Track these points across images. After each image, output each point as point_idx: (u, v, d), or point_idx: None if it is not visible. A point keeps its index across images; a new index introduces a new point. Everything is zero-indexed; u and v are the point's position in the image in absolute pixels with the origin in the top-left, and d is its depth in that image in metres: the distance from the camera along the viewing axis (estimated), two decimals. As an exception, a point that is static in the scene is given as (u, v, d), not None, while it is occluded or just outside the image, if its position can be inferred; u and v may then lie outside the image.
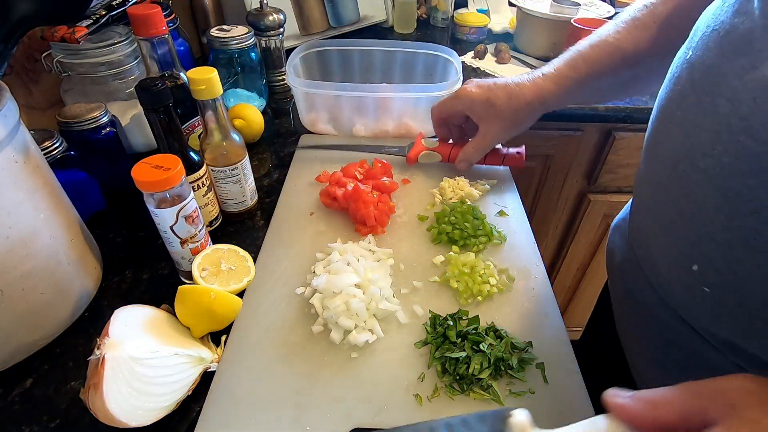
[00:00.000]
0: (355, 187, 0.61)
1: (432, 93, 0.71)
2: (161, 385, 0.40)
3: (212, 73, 0.51)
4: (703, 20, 0.37)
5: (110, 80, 0.68)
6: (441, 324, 0.48)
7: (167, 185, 0.44)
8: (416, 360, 0.46)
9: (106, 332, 0.40)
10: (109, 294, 0.53)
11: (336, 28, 1.11)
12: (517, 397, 0.43)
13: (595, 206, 1.14)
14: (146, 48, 0.58)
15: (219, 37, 0.77)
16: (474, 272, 0.52)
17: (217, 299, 0.45)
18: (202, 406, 0.42)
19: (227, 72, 0.79)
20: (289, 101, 0.92)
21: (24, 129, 0.44)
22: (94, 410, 0.37)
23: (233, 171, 0.57)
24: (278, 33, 0.85)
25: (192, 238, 0.50)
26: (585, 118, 0.98)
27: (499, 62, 1.10)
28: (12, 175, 0.40)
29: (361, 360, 0.46)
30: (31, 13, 0.43)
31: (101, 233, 0.58)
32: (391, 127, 0.78)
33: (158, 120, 0.49)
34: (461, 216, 0.59)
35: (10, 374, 0.45)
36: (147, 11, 0.55)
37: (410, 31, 1.23)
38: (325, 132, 0.79)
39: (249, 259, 0.52)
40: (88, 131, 0.58)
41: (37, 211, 0.43)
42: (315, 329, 0.48)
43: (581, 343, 0.74)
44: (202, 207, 0.55)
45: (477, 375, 0.43)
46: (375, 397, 0.43)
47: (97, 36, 0.64)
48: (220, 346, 0.47)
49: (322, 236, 0.60)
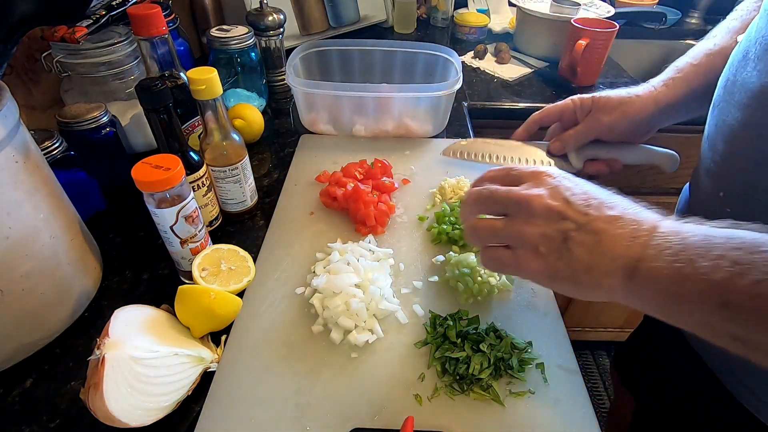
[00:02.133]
0: (355, 187, 0.61)
1: (432, 93, 0.71)
2: (161, 385, 0.40)
3: (212, 73, 0.51)
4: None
5: (110, 80, 0.68)
6: (441, 324, 0.48)
7: (167, 185, 0.44)
8: (416, 360, 0.46)
9: (106, 332, 0.40)
10: (109, 294, 0.53)
11: (336, 28, 1.11)
12: (517, 397, 0.43)
13: (595, 206, 1.14)
14: (146, 48, 0.58)
15: (219, 37, 0.77)
16: (474, 272, 0.52)
17: (217, 299, 0.45)
18: (202, 406, 0.42)
19: (227, 72, 0.79)
20: (289, 101, 0.92)
21: (24, 129, 0.44)
22: (94, 410, 0.37)
23: (233, 171, 0.57)
24: (278, 33, 0.85)
25: (192, 238, 0.50)
26: (585, 118, 0.98)
27: (499, 62, 1.10)
28: (12, 175, 0.40)
29: (361, 360, 0.46)
30: (31, 13, 0.43)
31: (101, 233, 0.58)
32: (391, 127, 0.78)
33: (158, 120, 0.49)
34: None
35: (10, 374, 0.45)
36: (147, 11, 0.55)
37: (410, 31, 1.23)
38: (325, 132, 0.79)
39: (249, 259, 0.52)
40: (88, 131, 0.58)
41: (37, 211, 0.43)
42: (315, 329, 0.48)
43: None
44: (202, 207, 0.55)
45: (477, 375, 0.43)
46: (375, 397, 0.43)
47: (97, 36, 0.64)
48: (220, 346, 0.47)
49: (322, 236, 0.60)
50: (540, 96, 0.98)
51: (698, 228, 0.31)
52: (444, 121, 0.79)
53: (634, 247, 0.32)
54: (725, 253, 0.28)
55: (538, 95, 0.99)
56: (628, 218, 0.33)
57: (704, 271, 0.28)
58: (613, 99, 0.60)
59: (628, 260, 0.32)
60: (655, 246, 0.31)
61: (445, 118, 0.79)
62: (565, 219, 0.34)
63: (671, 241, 0.31)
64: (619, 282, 0.33)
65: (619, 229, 0.33)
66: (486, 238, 0.40)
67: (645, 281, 0.31)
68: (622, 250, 0.32)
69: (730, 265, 0.28)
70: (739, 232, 0.29)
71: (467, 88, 0.99)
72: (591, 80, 1.01)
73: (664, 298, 0.31)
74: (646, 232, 0.32)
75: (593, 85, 1.02)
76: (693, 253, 0.29)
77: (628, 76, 1.08)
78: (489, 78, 1.04)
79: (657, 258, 0.31)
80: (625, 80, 1.06)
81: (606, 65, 1.05)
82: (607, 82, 1.04)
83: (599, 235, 0.33)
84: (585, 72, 0.98)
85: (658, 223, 0.33)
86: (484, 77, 1.05)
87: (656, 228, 0.32)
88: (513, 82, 1.03)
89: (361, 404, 0.42)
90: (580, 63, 0.95)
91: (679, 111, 0.58)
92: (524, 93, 0.99)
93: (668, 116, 0.59)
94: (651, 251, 0.31)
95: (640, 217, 0.33)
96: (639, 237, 0.32)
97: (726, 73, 0.47)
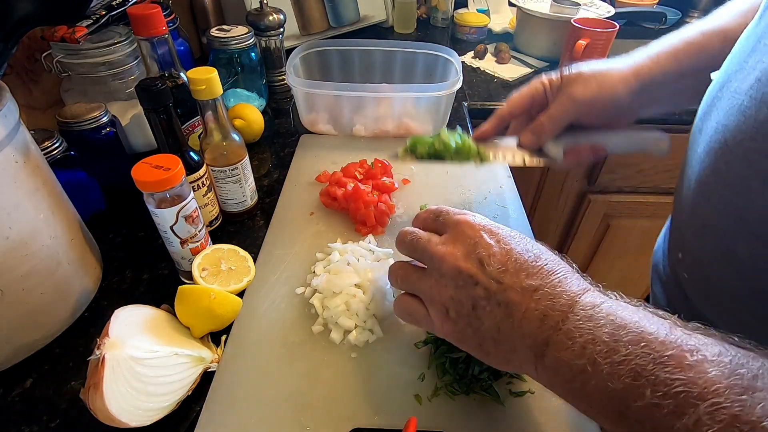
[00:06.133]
0: (355, 187, 0.61)
1: (432, 93, 0.71)
2: (161, 385, 0.40)
3: (212, 73, 0.51)
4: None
5: (110, 80, 0.68)
6: (441, 324, 0.48)
7: (167, 185, 0.44)
8: (416, 360, 0.46)
9: (106, 332, 0.40)
10: (109, 294, 0.53)
11: (336, 28, 1.11)
12: (517, 397, 0.43)
13: (596, 206, 1.14)
14: (146, 48, 0.58)
15: (219, 37, 0.77)
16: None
17: (217, 299, 0.45)
18: (202, 406, 0.42)
19: (227, 72, 0.79)
20: (289, 101, 0.92)
21: (24, 129, 0.44)
22: (94, 410, 0.37)
23: (233, 171, 0.57)
24: (278, 33, 0.85)
25: (192, 238, 0.49)
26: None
27: (499, 62, 1.10)
28: (12, 175, 0.40)
29: (361, 360, 0.46)
30: (31, 13, 0.43)
31: (101, 233, 0.58)
32: (391, 127, 0.78)
33: (158, 120, 0.49)
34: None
35: (10, 374, 0.45)
36: (147, 11, 0.55)
37: (410, 31, 1.23)
38: (325, 132, 0.79)
39: (249, 259, 0.52)
40: (88, 131, 0.58)
41: (37, 211, 0.43)
42: (315, 329, 0.48)
43: None
44: (202, 207, 0.55)
45: (477, 375, 0.43)
46: (375, 397, 0.43)
47: (97, 36, 0.64)
48: (220, 346, 0.47)
49: (322, 236, 0.59)
50: (540, 96, 0.98)
51: (614, 312, 0.27)
52: (444, 121, 0.79)
53: (544, 329, 0.29)
54: (628, 358, 0.25)
55: (538, 95, 0.98)
56: (544, 291, 0.30)
57: (605, 377, 0.25)
58: (585, 72, 0.51)
59: (537, 340, 0.29)
60: (564, 332, 0.28)
61: (445, 118, 0.79)
62: (476, 284, 0.31)
63: (582, 329, 0.27)
64: (528, 362, 0.30)
65: (532, 303, 0.29)
66: (401, 286, 0.38)
67: (551, 368, 0.29)
68: (532, 329, 0.29)
69: (630, 376, 0.24)
70: (654, 328, 0.25)
71: (467, 88, 0.99)
72: (591, 80, 1.01)
73: (568, 390, 0.29)
74: (559, 312, 0.29)
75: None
76: (598, 350, 0.26)
77: (628, 76, 1.07)
78: (489, 78, 1.04)
79: (563, 347, 0.28)
80: (625, 80, 1.05)
81: (606, 65, 1.05)
82: (607, 82, 1.04)
83: (510, 308, 0.30)
84: (585, 72, 0.98)
85: (575, 300, 0.29)
86: (484, 77, 1.05)
87: (571, 308, 0.28)
88: (513, 82, 1.03)
89: (361, 404, 0.42)
90: (580, 63, 0.95)
91: (665, 92, 0.50)
92: (524, 93, 0.99)
93: (652, 98, 0.50)
94: (560, 337, 0.28)
95: (558, 290, 0.29)
96: (551, 317, 0.29)
97: (716, 84, 0.40)
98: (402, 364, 0.45)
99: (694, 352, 0.23)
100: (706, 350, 0.23)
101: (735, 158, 0.35)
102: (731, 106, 0.36)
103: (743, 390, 0.21)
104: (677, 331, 0.25)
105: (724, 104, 0.37)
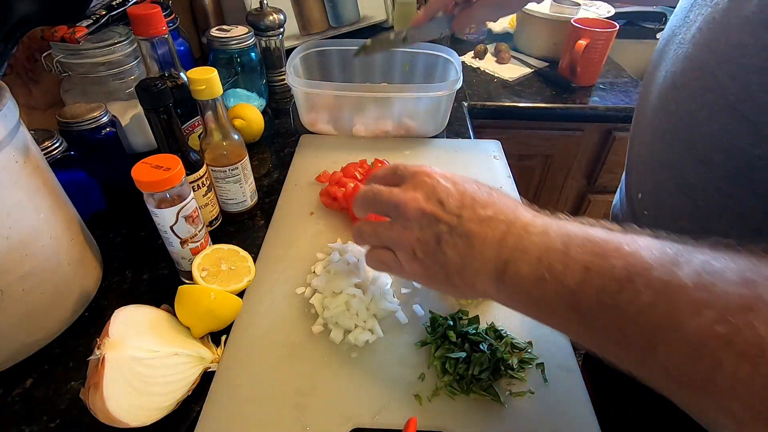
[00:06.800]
0: (355, 187, 0.61)
1: (432, 93, 0.71)
2: (161, 385, 0.40)
3: (212, 73, 0.51)
4: None
5: (110, 80, 0.68)
6: (441, 324, 0.48)
7: (167, 185, 0.44)
8: (416, 360, 0.46)
9: (106, 332, 0.40)
10: (109, 294, 0.53)
11: (336, 28, 1.11)
12: (517, 397, 0.43)
13: (595, 206, 1.14)
14: (146, 48, 0.58)
15: (219, 37, 0.77)
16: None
17: (217, 299, 0.45)
18: (202, 406, 0.42)
19: (227, 72, 0.79)
20: (289, 101, 0.92)
21: (24, 129, 0.44)
22: (94, 410, 0.37)
23: (233, 171, 0.57)
24: (278, 33, 0.85)
25: (192, 238, 0.50)
26: (585, 118, 0.98)
27: (499, 62, 1.10)
28: (12, 175, 0.40)
29: (361, 360, 0.46)
30: (31, 13, 0.43)
31: (101, 233, 0.58)
32: (391, 127, 0.78)
33: (158, 120, 0.49)
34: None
35: (10, 374, 0.45)
36: (147, 11, 0.55)
37: (410, 31, 1.23)
38: (325, 132, 0.80)
39: (249, 259, 0.52)
40: (88, 131, 0.58)
41: (37, 211, 0.43)
42: (315, 329, 0.48)
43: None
44: (202, 207, 0.55)
45: (477, 375, 0.43)
46: (375, 397, 0.43)
47: (97, 36, 0.64)
48: (220, 346, 0.47)
49: (322, 236, 0.60)
50: (540, 96, 0.98)
51: (564, 227, 0.31)
52: (444, 121, 0.79)
53: (503, 250, 0.32)
54: (578, 256, 0.28)
55: (538, 95, 0.99)
56: (499, 219, 0.33)
57: (560, 278, 0.28)
58: None
59: (497, 262, 0.32)
60: (521, 249, 0.31)
61: (445, 118, 0.79)
62: (438, 222, 0.34)
63: (536, 244, 0.31)
64: (490, 284, 0.33)
65: (489, 230, 0.33)
66: (369, 240, 0.41)
67: (512, 284, 0.32)
68: (492, 253, 0.32)
69: (581, 271, 0.28)
70: (598, 233, 0.29)
71: (467, 88, 0.99)
72: (591, 80, 1.01)
73: (528, 301, 0.31)
74: (515, 234, 0.32)
75: (593, 85, 1.02)
76: (553, 256, 0.29)
77: (628, 76, 1.08)
78: (489, 78, 1.04)
79: (522, 260, 0.31)
80: (625, 80, 1.06)
81: (606, 65, 1.05)
82: (607, 82, 1.04)
83: (470, 237, 0.33)
84: (585, 72, 0.98)
85: (529, 222, 0.32)
86: (484, 77, 1.05)
87: (526, 228, 0.32)
88: (513, 82, 1.03)
89: (361, 404, 0.42)
90: (580, 63, 0.95)
91: None
92: (524, 93, 0.99)
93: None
94: (518, 253, 0.31)
95: (511, 216, 0.33)
96: (508, 239, 0.32)
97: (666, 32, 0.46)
98: (402, 364, 0.46)
99: (630, 243, 0.27)
100: (640, 240, 0.27)
101: (683, 97, 0.39)
102: (677, 55, 0.41)
103: (671, 263, 0.25)
104: (616, 232, 0.29)
105: (670, 55, 0.42)
